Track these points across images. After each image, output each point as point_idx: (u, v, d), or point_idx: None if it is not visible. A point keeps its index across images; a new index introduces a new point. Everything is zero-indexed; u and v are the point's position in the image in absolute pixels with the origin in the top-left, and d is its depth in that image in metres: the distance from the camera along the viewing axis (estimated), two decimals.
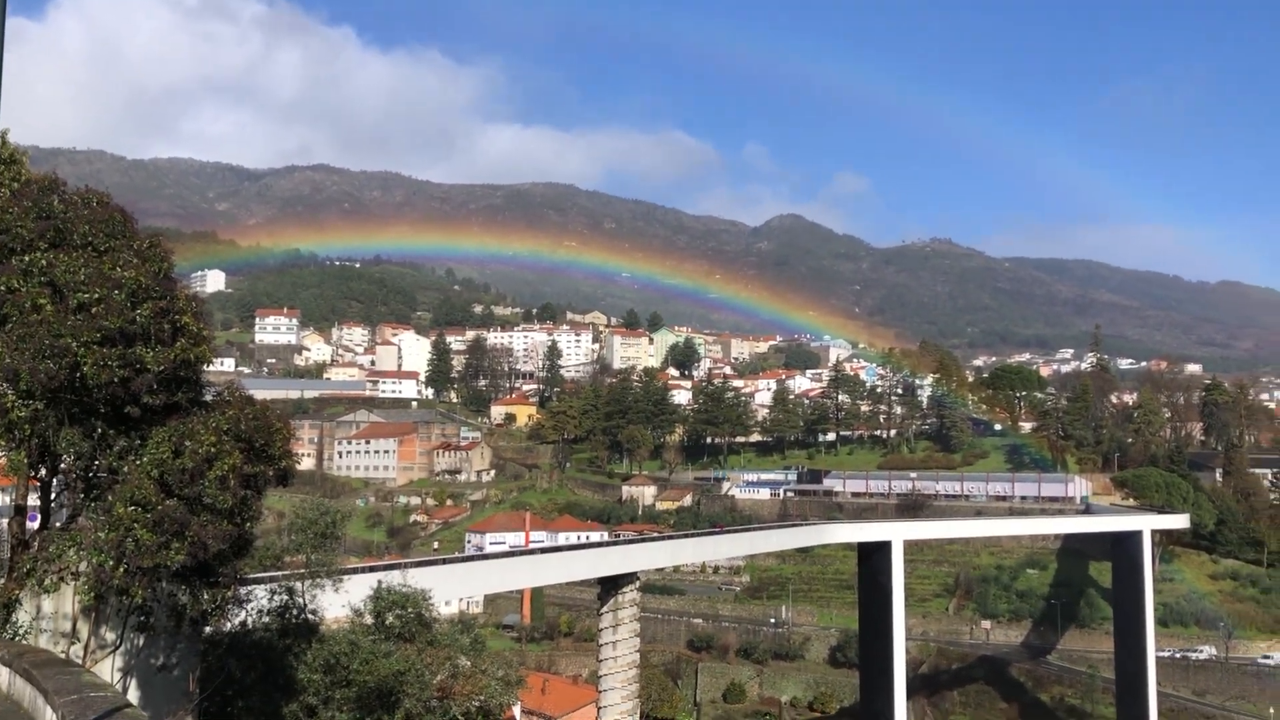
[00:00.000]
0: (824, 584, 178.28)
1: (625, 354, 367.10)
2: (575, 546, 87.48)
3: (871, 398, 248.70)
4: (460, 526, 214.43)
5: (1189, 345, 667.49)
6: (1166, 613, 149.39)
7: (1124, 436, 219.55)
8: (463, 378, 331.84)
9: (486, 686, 35.34)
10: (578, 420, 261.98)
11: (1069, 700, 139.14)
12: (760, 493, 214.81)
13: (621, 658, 77.41)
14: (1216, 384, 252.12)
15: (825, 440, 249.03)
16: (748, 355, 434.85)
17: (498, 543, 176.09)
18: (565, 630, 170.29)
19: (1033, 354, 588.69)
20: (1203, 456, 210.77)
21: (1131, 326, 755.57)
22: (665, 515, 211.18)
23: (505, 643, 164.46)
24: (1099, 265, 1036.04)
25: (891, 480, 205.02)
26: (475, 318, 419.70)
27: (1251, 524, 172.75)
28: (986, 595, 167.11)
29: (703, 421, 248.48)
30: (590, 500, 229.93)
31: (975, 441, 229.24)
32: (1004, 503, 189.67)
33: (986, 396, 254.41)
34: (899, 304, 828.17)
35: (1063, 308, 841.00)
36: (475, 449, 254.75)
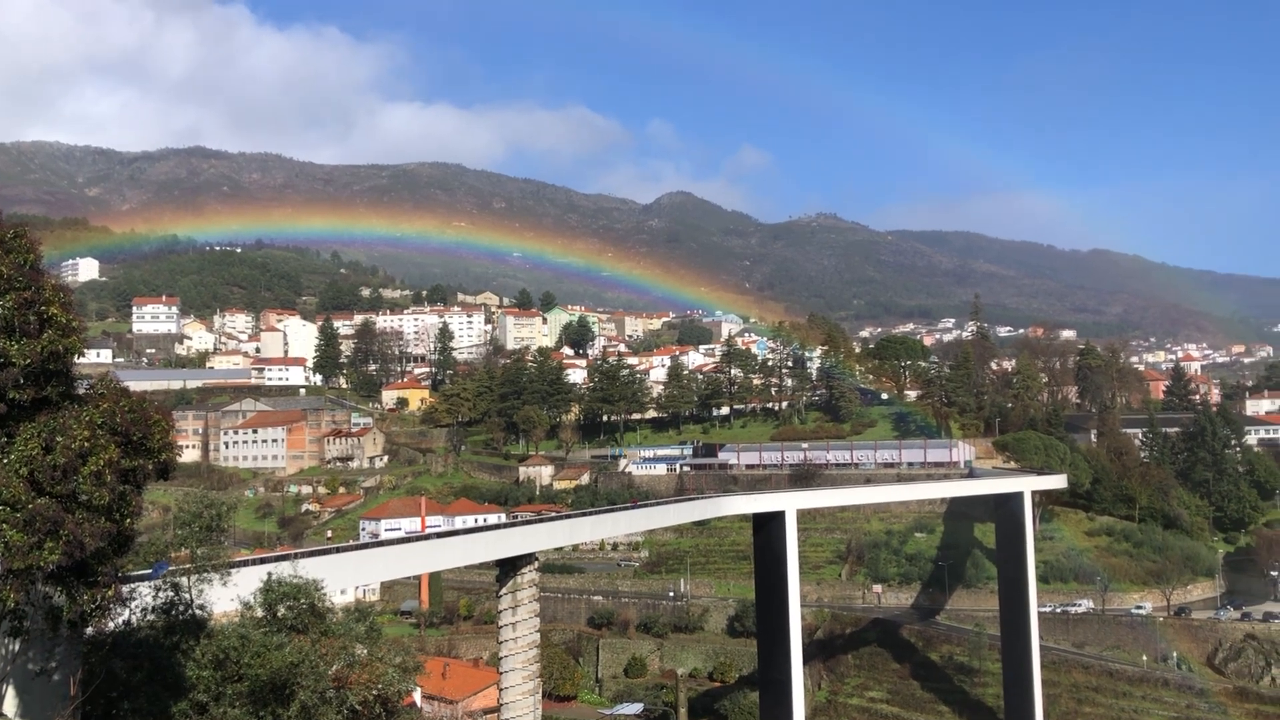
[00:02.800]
0: (721, 556, 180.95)
1: (519, 334, 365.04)
2: (472, 530, 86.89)
3: (763, 371, 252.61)
4: (354, 514, 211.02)
5: (1063, 312, 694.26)
6: (1047, 569, 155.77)
7: (1004, 402, 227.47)
8: (352, 363, 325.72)
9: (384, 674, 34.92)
10: (472, 402, 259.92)
11: (958, 658, 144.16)
12: (657, 468, 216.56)
13: (522, 638, 77.37)
14: (1090, 349, 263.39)
15: (719, 414, 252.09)
16: (642, 333, 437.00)
17: (393, 529, 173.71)
18: (465, 614, 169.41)
19: (916, 324, 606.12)
20: (1078, 418, 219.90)
21: (1009, 295, 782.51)
22: (563, 495, 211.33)
23: (404, 629, 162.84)
24: (977, 236, 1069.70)
25: (784, 451, 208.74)
26: (363, 301, 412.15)
27: (1124, 482, 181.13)
28: (877, 560, 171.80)
29: (598, 400, 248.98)
30: (487, 483, 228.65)
31: (863, 411, 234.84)
32: (892, 469, 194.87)
33: (873, 367, 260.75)
34: (788, 278, 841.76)
35: (944, 278, 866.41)
36: (367, 435, 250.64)
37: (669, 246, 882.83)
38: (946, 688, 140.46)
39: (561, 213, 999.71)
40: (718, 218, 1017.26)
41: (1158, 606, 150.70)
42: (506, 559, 76.80)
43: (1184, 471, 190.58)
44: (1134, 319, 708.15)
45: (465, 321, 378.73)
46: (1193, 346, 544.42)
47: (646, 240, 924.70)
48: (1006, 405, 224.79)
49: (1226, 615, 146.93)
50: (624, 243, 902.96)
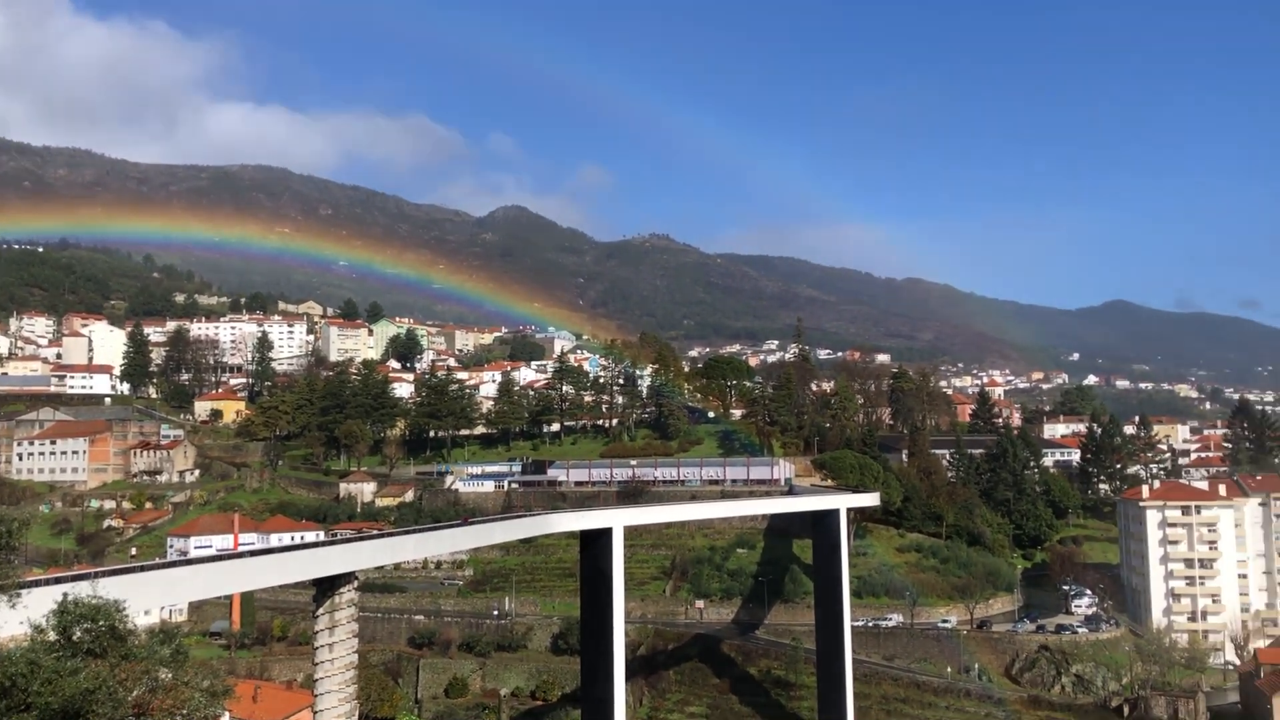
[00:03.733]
0: (547, 573, 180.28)
1: (343, 346, 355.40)
2: (288, 548, 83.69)
3: (594, 388, 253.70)
4: (161, 531, 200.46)
5: (879, 337, 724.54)
6: (861, 585, 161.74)
7: (823, 421, 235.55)
8: (163, 372, 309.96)
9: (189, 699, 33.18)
10: (291, 415, 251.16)
11: (775, 672, 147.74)
12: (485, 485, 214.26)
13: (339, 659, 74.91)
14: (903, 372, 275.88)
15: (550, 431, 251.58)
16: (472, 347, 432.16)
17: (203, 547, 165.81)
18: (279, 634, 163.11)
19: (743, 345, 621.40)
20: (891, 439, 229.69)
21: (829, 319, 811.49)
22: (386, 512, 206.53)
23: (213, 651, 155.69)
24: (801, 262, 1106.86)
25: (613, 468, 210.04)
26: (177, 307, 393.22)
27: (932, 500, 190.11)
28: (700, 576, 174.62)
29: (425, 415, 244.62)
30: (305, 499, 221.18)
31: (691, 429, 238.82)
32: (717, 486, 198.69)
33: (701, 386, 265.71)
34: (621, 297, 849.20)
35: (769, 302, 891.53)
36: (177, 448, 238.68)
37: (503, 261, 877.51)
38: (764, 702, 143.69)
39: (392, 222, 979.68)
40: (553, 234, 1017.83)
41: (962, 620, 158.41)
42: (324, 578, 74.26)
43: (987, 491, 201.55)
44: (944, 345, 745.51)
45: (286, 331, 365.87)
46: (997, 372, 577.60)
47: (480, 253, 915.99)
48: (825, 425, 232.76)
49: (1023, 628, 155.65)
50: (456, 255, 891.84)
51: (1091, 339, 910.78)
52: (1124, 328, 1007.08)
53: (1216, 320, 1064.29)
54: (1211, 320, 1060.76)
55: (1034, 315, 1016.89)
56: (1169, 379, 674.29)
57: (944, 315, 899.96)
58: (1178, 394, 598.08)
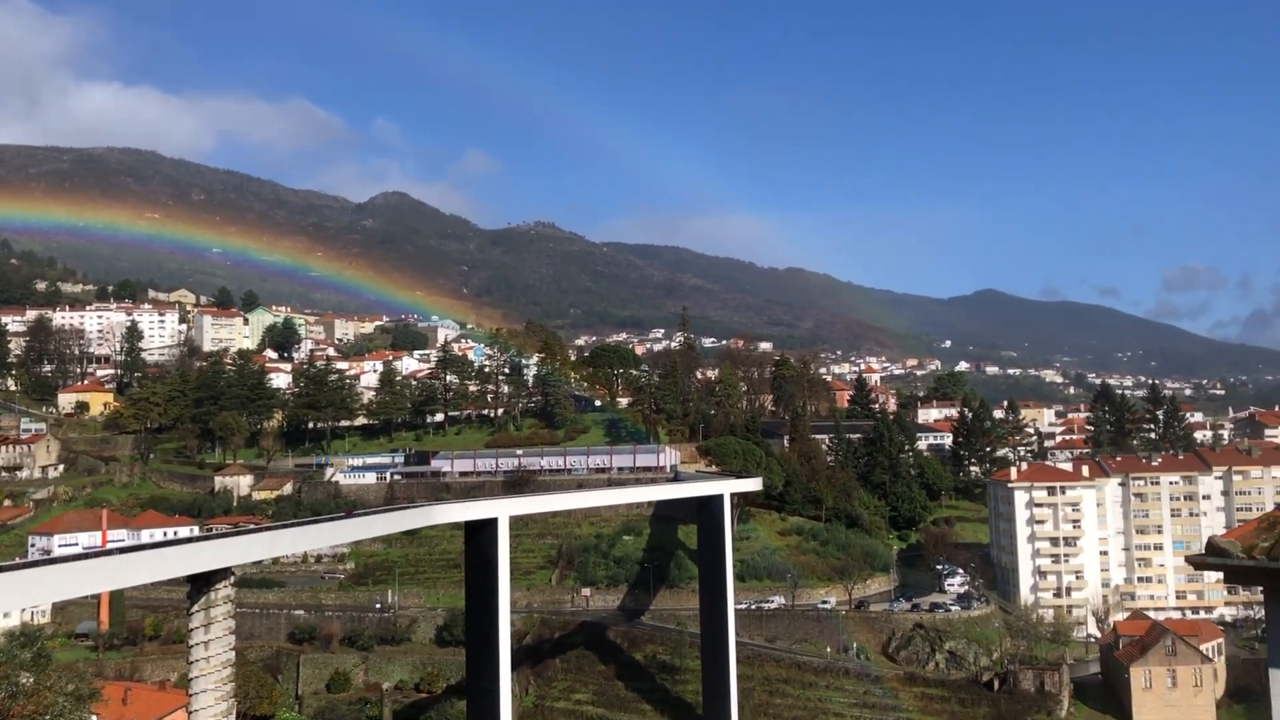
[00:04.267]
0: (431, 565, 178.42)
1: (217, 335, 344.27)
2: (161, 544, 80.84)
3: (479, 378, 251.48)
4: (21, 529, 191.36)
5: (761, 325, 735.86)
6: (744, 568, 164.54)
7: (708, 409, 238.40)
8: (23, 363, 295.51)
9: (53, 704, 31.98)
10: (163, 407, 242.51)
11: (660, 657, 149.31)
12: (366, 477, 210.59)
13: (215, 658, 72.83)
14: (784, 360, 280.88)
15: (434, 421, 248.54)
16: (353, 336, 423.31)
17: (68, 545, 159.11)
18: (151, 634, 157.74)
19: (629, 333, 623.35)
20: (773, 425, 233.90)
21: (714, 308, 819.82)
22: (264, 505, 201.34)
23: (79, 653, 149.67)
24: (686, 251, 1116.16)
25: (499, 458, 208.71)
26: (38, 295, 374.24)
27: (812, 484, 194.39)
28: (587, 564, 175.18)
29: (304, 406, 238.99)
30: (178, 494, 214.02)
31: (577, 417, 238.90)
32: (603, 474, 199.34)
33: (587, 374, 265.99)
34: (505, 285, 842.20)
35: (655, 291, 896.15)
36: (39, 442, 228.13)
37: (383, 248, 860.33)
38: (649, 686, 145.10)
39: (268, 208, 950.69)
40: (435, 221, 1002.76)
41: (841, 601, 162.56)
42: (199, 574, 72.06)
43: (865, 474, 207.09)
44: (823, 333, 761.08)
45: (157, 320, 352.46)
46: (873, 359, 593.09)
47: (360, 240, 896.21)
48: (710, 412, 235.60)
49: (899, 607, 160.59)
50: (335, 242, 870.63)
51: (963, 327, 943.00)
52: (993, 316, 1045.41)
53: (1079, 308, 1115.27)
54: (1075, 308, 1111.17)
55: (908, 304, 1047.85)
56: (1035, 365, 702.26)
57: (823, 304, 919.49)
58: (1044, 379, 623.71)
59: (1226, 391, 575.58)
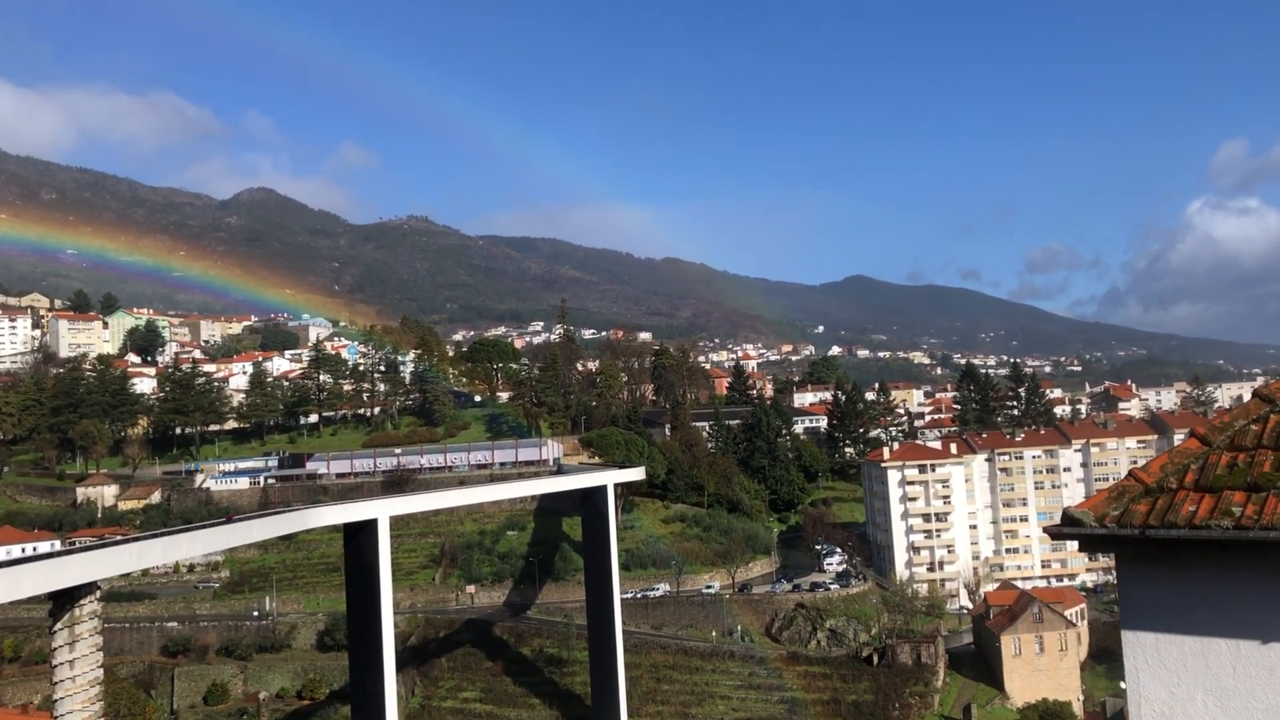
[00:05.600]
0: (310, 570, 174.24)
1: (74, 340, 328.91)
2: (17, 560, 77.06)
3: (354, 376, 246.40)
4: None
5: (640, 316, 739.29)
6: (629, 557, 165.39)
7: (589, 400, 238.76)
8: None
9: None
10: (17, 417, 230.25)
11: (548, 650, 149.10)
12: (239, 482, 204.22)
13: (81, 676, 69.78)
14: (664, 350, 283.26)
15: (308, 423, 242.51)
16: (220, 337, 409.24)
17: None
18: (10, 655, 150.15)
19: (508, 327, 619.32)
20: (654, 414, 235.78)
21: (592, 300, 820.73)
22: (130, 516, 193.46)
23: None
24: (564, 243, 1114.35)
25: (377, 458, 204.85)
26: None
27: (694, 471, 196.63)
28: (471, 561, 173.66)
29: (170, 411, 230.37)
30: (37, 507, 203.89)
31: (457, 414, 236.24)
32: (485, 470, 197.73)
33: (466, 370, 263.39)
34: (379, 281, 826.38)
35: (533, 284, 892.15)
36: None
37: (250, 246, 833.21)
38: (538, 680, 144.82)
39: (125, 207, 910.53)
40: (304, 216, 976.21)
41: (725, 585, 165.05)
42: (62, 590, 68.92)
43: (744, 459, 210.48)
44: (701, 322, 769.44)
45: (8, 326, 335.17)
46: (750, 346, 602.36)
47: (224, 239, 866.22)
48: (591, 404, 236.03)
49: (781, 588, 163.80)
50: (198, 241, 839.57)
51: (834, 312, 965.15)
52: (863, 301, 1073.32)
53: (944, 291, 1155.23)
54: (939, 292, 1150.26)
55: (782, 291, 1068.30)
56: (904, 348, 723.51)
57: (700, 294, 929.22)
58: (912, 361, 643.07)
59: (1083, 368, 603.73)
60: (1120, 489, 9.24)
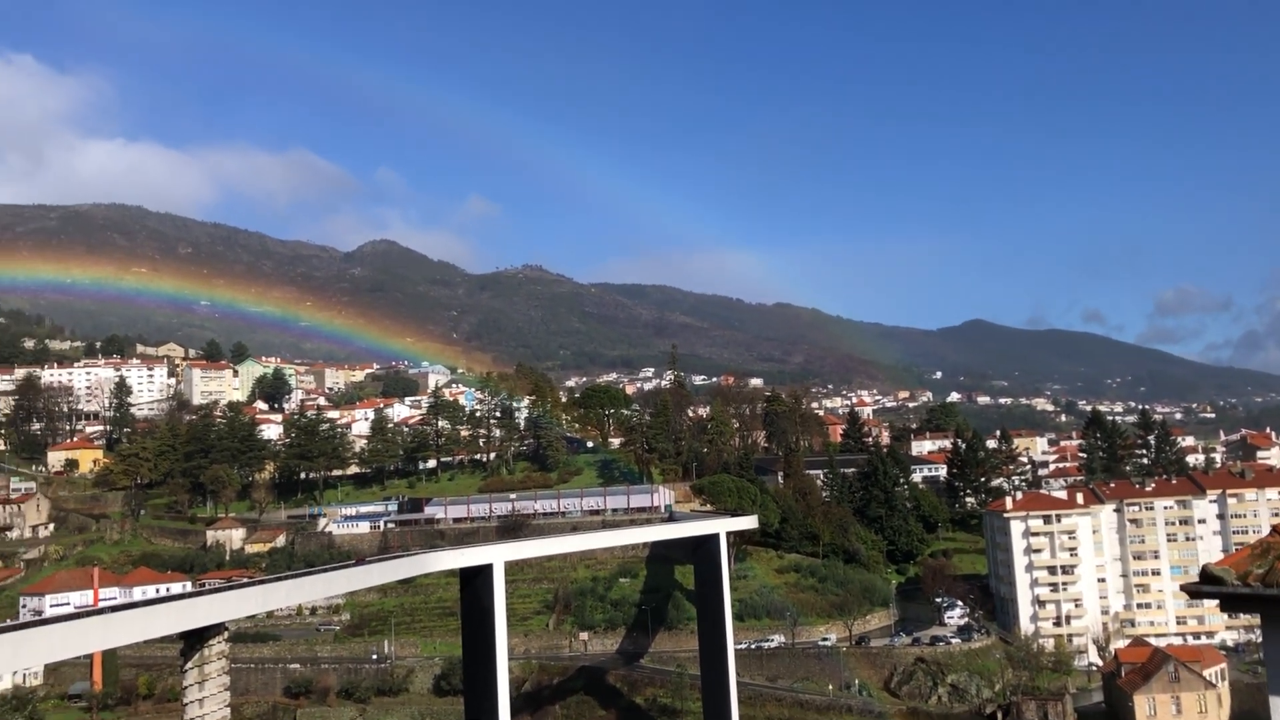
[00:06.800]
0: (427, 614, 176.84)
1: (206, 388, 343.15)
2: (152, 601, 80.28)
3: (471, 422, 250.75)
4: (13, 590, 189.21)
5: (751, 361, 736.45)
6: (742, 607, 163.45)
7: (700, 447, 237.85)
8: (12, 422, 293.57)
9: None
10: (153, 463, 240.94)
11: (661, 700, 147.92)
12: (360, 526, 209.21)
13: (210, 715, 72.08)
14: (776, 396, 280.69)
15: (426, 468, 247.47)
16: (344, 385, 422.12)
17: (60, 604, 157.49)
18: (145, 693, 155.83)
19: (619, 374, 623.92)
20: (767, 461, 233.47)
21: (703, 345, 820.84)
22: (256, 559, 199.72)
23: (72, 715, 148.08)
24: (674, 290, 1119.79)
25: (492, 503, 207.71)
26: (26, 354, 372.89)
27: (808, 520, 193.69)
28: (584, 607, 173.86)
29: (296, 456, 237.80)
30: (170, 549, 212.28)
31: (570, 459, 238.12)
32: (598, 516, 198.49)
33: (579, 416, 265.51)
34: (495, 329, 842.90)
35: (644, 330, 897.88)
36: (29, 501, 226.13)
37: (372, 296, 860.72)
38: None
39: (255, 259, 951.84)
40: (424, 267, 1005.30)
41: (841, 637, 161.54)
42: (192, 630, 71.46)
43: (860, 509, 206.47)
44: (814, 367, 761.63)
45: (145, 375, 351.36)
46: (865, 392, 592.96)
47: (348, 289, 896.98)
48: (703, 450, 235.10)
49: (900, 641, 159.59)
50: (324, 291, 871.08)
51: (953, 357, 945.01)
52: (982, 346, 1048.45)
53: (1067, 336, 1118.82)
54: (1062, 336, 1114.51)
55: (898, 336, 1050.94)
56: (1026, 393, 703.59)
57: (813, 339, 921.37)
58: (1035, 408, 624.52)
59: (1217, 415, 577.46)
60: (1265, 545, 8.77)
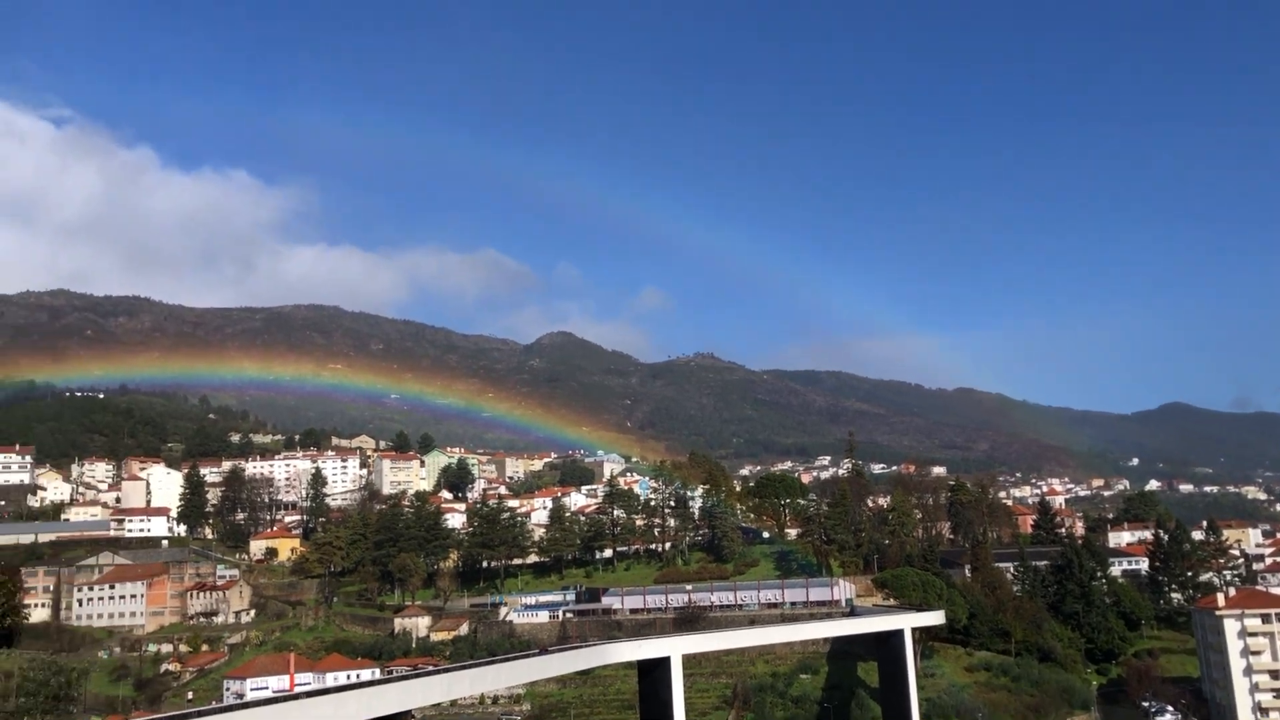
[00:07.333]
0: (606, 705, 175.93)
1: (395, 478, 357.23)
2: (343, 687, 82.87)
3: (646, 511, 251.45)
4: (217, 673, 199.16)
5: (932, 448, 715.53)
6: (930, 707, 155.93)
7: (881, 538, 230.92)
8: (219, 512, 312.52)
9: None
10: (345, 551, 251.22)
11: None
12: (539, 615, 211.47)
13: None
14: (960, 484, 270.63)
15: (603, 557, 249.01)
16: (523, 474, 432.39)
17: (259, 688, 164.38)
18: None
19: (794, 462, 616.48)
20: (952, 554, 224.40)
21: (881, 432, 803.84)
22: (441, 646, 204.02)
23: None
24: (849, 376, 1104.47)
25: (668, 594, 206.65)
26: (233, 447, 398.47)
27: (999, 616, 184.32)
28: (763, 704, 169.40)
29: (478, 545, 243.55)
30: (360, 636, 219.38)
31: (746, 550, 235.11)
32: (776, 609, 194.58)
33: (754, 505, 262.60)
34: (668, 417, 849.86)
35: (818, 417, 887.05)
36: (233, 588, 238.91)
37: (550, 386, 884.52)
38: None
39: (441, 354, 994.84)
40: (599, 358, 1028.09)
41: None
42: (382, 717, 73.24)
43: (1055, 604, 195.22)
44: (1000, 455, 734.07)
45: (339, 466, 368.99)
46: (1056, 481, 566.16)
47: (527, 380, 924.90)
48: (884, 542, 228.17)
49: None
50: (504, 383, 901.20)
51: (1150, 443, 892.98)
52: (1183, 430, 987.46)
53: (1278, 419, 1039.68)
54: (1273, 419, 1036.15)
55: (1090, 421, 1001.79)
56: (1234, 481, 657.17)
57: (997, 425, 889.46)
58: (1245, 496, 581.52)
59: None
60: None
